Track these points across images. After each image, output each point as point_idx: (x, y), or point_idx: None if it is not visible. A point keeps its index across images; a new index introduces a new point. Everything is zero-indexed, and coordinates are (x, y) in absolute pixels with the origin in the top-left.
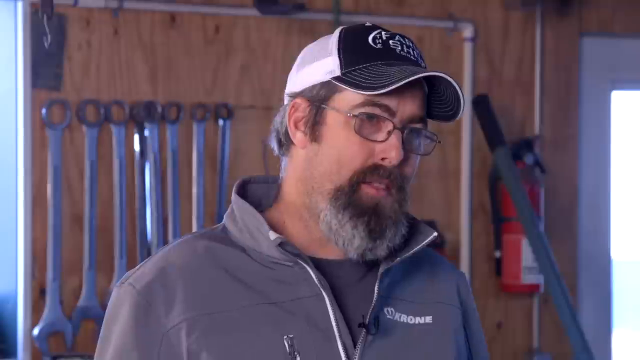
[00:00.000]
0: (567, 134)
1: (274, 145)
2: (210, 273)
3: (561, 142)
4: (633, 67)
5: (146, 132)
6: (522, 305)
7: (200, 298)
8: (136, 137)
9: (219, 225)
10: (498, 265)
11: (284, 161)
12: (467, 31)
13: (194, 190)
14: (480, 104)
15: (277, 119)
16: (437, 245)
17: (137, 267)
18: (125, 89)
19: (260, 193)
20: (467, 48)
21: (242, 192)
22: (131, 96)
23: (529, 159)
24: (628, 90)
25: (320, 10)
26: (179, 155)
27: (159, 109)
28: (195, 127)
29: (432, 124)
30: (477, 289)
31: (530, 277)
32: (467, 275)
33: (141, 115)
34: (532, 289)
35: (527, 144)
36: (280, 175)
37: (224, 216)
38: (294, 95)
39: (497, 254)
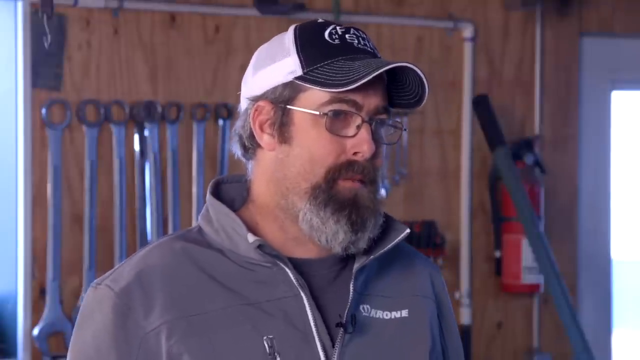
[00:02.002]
0: (567, 134)
1: (236, 150)
2: (188, 275)
3: (561, 142)
4: (633, 67)
5: (146, 132)
6: (522, 305)
7: (179, 300)
8: (136, 137)
9: (194, 227)
10: (498, 265)
11: (250, 164)
12: (467, 31)
13: (194, 190)
14: (480, 104)
15: (239, 123)
16: (437, 245)
17: (113, 269)
18: (125, 89)
19: (234, 193)
20: (467, 48)
21: (216, 193)
22: (131, 96)
23: (529, 159)
24: (628, 90)
25: (320, 10)
26: (179, 155)
27: (159, 109)
28: (195, 127)
29: (432, 122)
30: (477, 289)
31: (530, 277)
32: (467, 275)
33: (141, 115)
34: (532, 289)
35: (527, 144)
36: (248, 178)
37: (199, 217)
38: (255, 99)
39: (497, 254)
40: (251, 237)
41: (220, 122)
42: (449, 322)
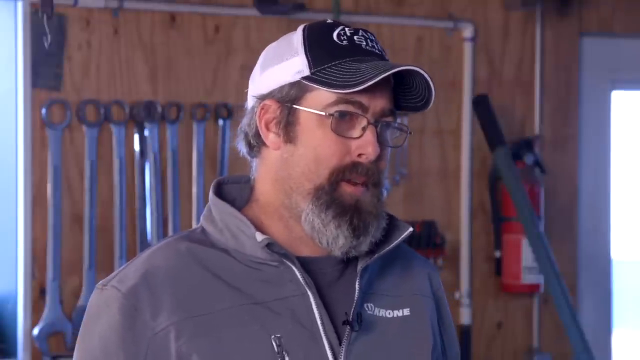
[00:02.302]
0: (567, 134)
1: (241, 148)
2: (194, 275)
3: (561, 142)
4: (633, 67)
5: (146, 132)
6: (522, 305)
7: (186, 301)
8: (136, 137)
9: (196, 227)
10: (498, 265)
11: (255, 162)
12: (467, 31)
13: (194, 190)
14: (480, 104)
15: (245, 121)
16: (437, 245)
17: (118, 270)
18: (125, 89)
19: (235, 194)
20: (467, 48)
21: (218, 193)
22: (131, 96)
23: (529, 159)
24: (628, 90)
25: (320, 10)
26: (179, 155)
27: (159, 109)
28: (195, 127)
29: (432, 122)
30: (477, 289)
31: (530, 277)
32: (467, 275)
33: (141, 115)
34: (532, 289)
35: (527, 144)
36: (252, 177)
37: (201, 218)
38: (261, 97)
39: (497, 254)
40: (260, 236)
41: (220, 122)
42: (447, 321)
